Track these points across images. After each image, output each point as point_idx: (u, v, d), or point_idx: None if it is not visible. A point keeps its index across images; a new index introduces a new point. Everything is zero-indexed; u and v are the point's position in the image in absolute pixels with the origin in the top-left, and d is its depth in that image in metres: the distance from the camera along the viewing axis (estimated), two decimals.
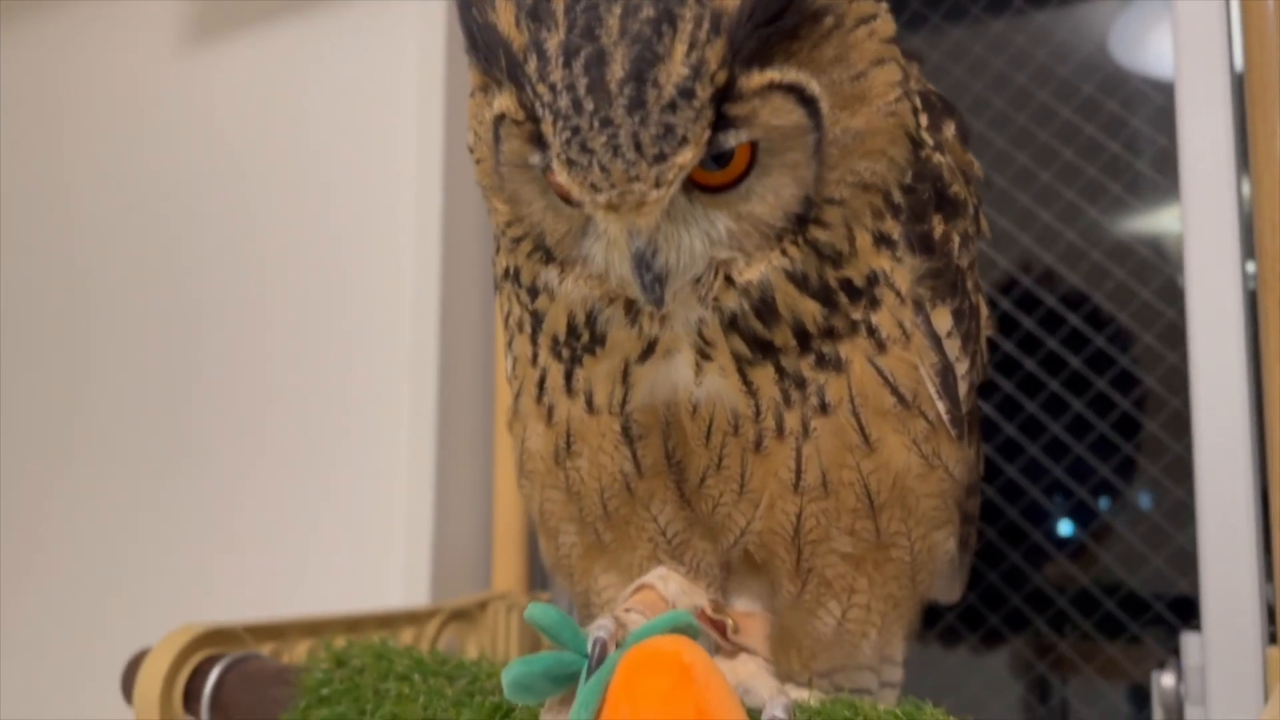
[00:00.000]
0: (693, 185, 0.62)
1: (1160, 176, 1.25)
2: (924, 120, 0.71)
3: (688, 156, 0.57)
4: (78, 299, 1.79)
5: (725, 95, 0.57)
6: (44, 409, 1.80)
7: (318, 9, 1.60)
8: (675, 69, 0.56)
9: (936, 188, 0.70)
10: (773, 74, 0.59)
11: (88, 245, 1.80)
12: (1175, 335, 1.10)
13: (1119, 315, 1.26)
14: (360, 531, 1.44)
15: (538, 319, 0.73)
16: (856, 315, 0.67)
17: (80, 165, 1.84)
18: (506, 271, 0.75)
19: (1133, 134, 1.28)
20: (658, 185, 0.57)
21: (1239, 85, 1.05)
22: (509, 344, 0.80)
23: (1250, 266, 1.06)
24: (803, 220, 0.64)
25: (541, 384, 0.76)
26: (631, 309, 0.67)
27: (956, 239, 0.72)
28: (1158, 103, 1.25)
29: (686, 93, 0.56)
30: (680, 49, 0.56)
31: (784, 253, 0.64)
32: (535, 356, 0.75)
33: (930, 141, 0.71)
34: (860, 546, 0.74)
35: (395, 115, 1.50)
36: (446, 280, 1.43)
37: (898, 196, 0.68)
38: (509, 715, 0.76)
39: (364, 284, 1.51)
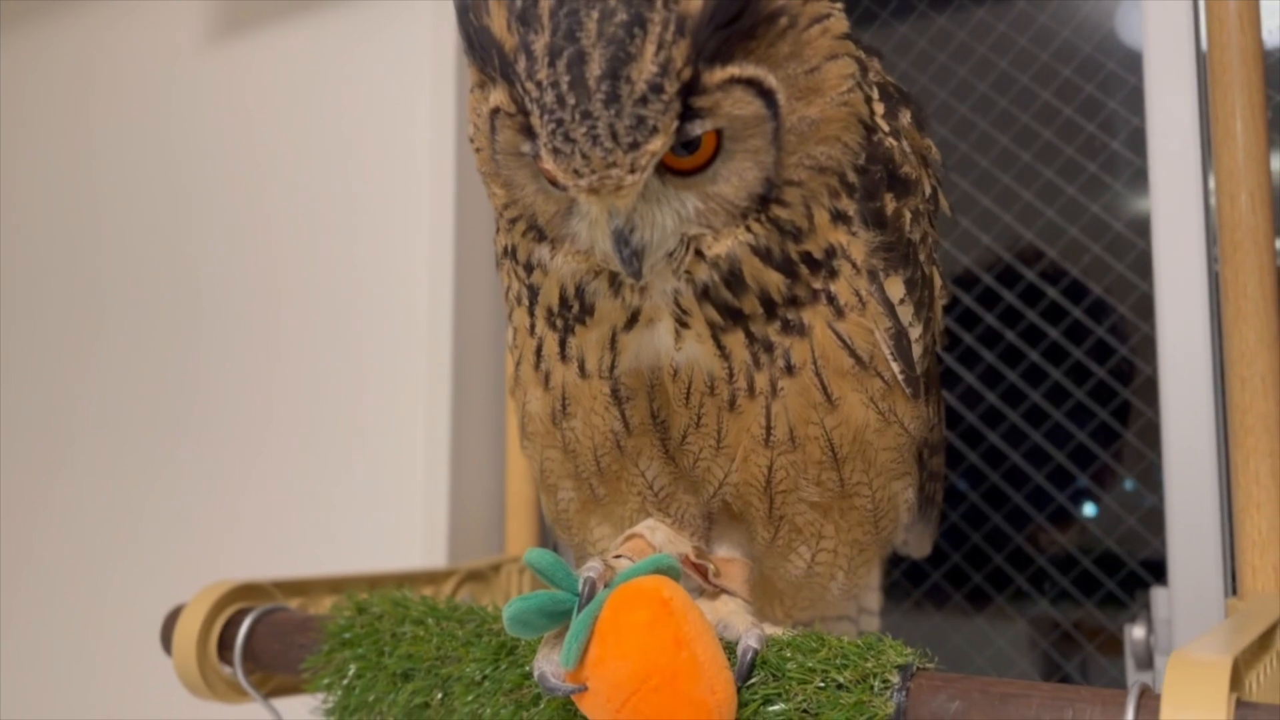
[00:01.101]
0: (665, 169, 0.68)
1: (1134, 156, 1.30)
2: (880, 109, 0.77)
3: (658, 144, 0.64)
4: (104, 278, 1.87)
5: (691, 89, 0.64)
6: (73, 381, 1.89)
7: (336, 7, 1.66)
8: (646, 67, 0.62)
9: (888, 169, 0.77)
10: (733, 69, 0.65)
11: (113, 229, 1.87)
12: (1149, 306, 1.15)
13: (1095, 288, 1.32)
14: (382, 498, 1.52)
15: (534, 292, 0.80)
16: (817, 285, 0.74)
17: (103, 157, 1.91)
18: (505, 250, 0.82)
19: (1109, 115, 1.33)
20: (632, 170, 0.64)
21: (1206, 66, 1.11)
22: (509, 316, 0.86)
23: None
24: (765, 200, 0.70)
25: (539, 352, 0.82)
26: (615, 281, 0.74)
27: (908, 215, 0.79)
28: (1133, 84, 1.30)
29: (656, 88, 0.62)
30: (650, 49, 0.62)
31: (749, 229, 0.71)
32: (533, 327, 0.82)
33: (886, 128, 0.77)
34: (826, 495, 0.81)
35: (411, 107, 1.56)
36: (460, 259, 1.49)
37: (852, 177, 0.74)
38: (513, 651, 0.83)
39: (382, 265, 1.57)
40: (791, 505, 0.82)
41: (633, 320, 0.76)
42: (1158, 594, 1.14)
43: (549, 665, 0.73)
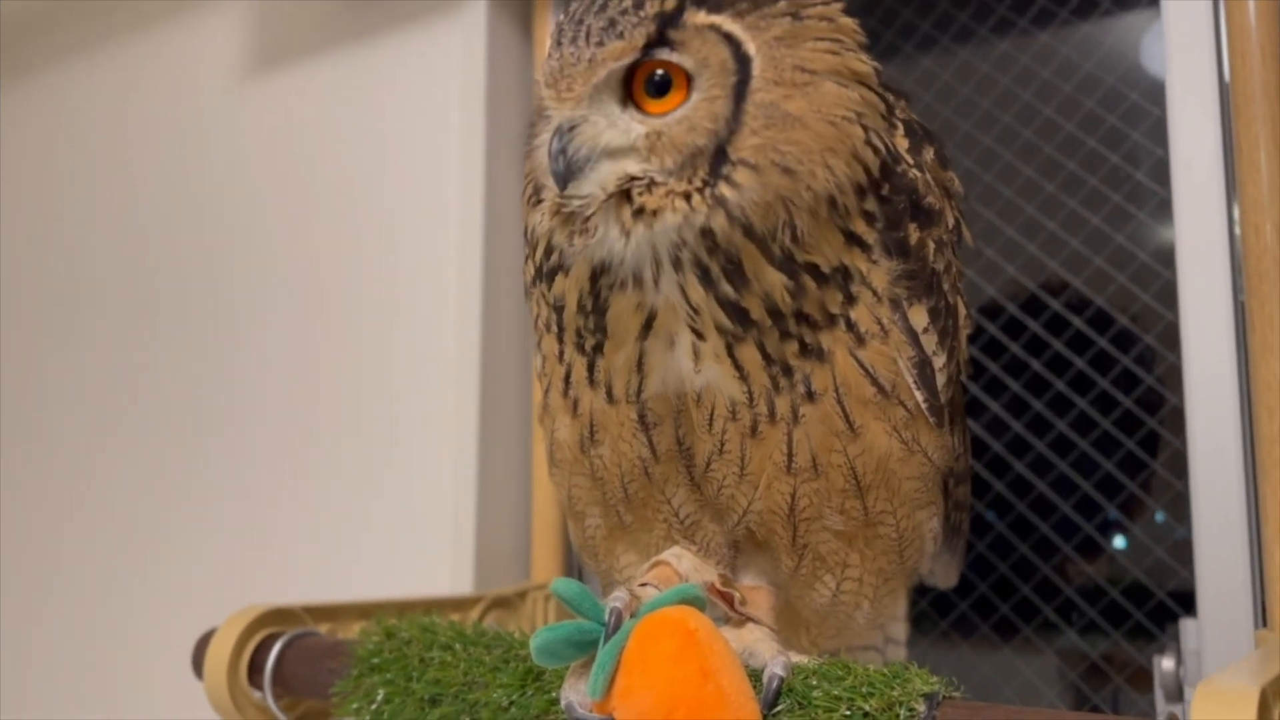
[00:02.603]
0: (631, 102, 0.73)
1: (1159, 187, 1.31)
2: (904, 143, 0.79)
3: (619, 48, 0.71)
4: (138, 303, 1.91)
5: (671, 23, 0.71)
6: (104, 404, 1.92)
7: (366, 43, 1.70)
8: None
9: (912, 199, 0.78)
10: (716, 19, 0.72)
11: (150, 255, 1.91)
12: (1175, 336, 1.15)
13: (1120, 318, 1.32)
14: (410, 526, 1.53)
15: (560, 312, 0.81)
16: (834, 309, 0.75)
17: (140, 185, 1.96)
18: (534, 278, 0.84)
19: (1133, 146, 1.33)
20: (591, 65, 0.71)
21: (1229, 97, 1.11)
22: (538, 344, 0.88)
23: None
24: (715, 173, 0.71)
25: (568, 379, 0.84)
26: (601, 270, 0.76)
27: (931, 245, 0.80)
28: (1156, 116, 1.30)
29: (638, 4, 0.71)
30: None
31: (688, 198, 0.72)
32: (562, 353, 0.84)
33: (910, 160, 0.79)
34: (850, 524, 0.82)
35: (441, 142, 1.59)
36: (487, 291, 1.51)
37: (872, 205, 0.75)
38: (540, 678, 0.84)
39: (412, 295, 1.60)
40: (815, 534, 0.82)
41: (649, 325, 0.77)
42: (1187, 625, 1.13)
43: (576, 695, 0.74)
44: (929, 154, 0.82)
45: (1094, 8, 1.38)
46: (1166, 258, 1.19)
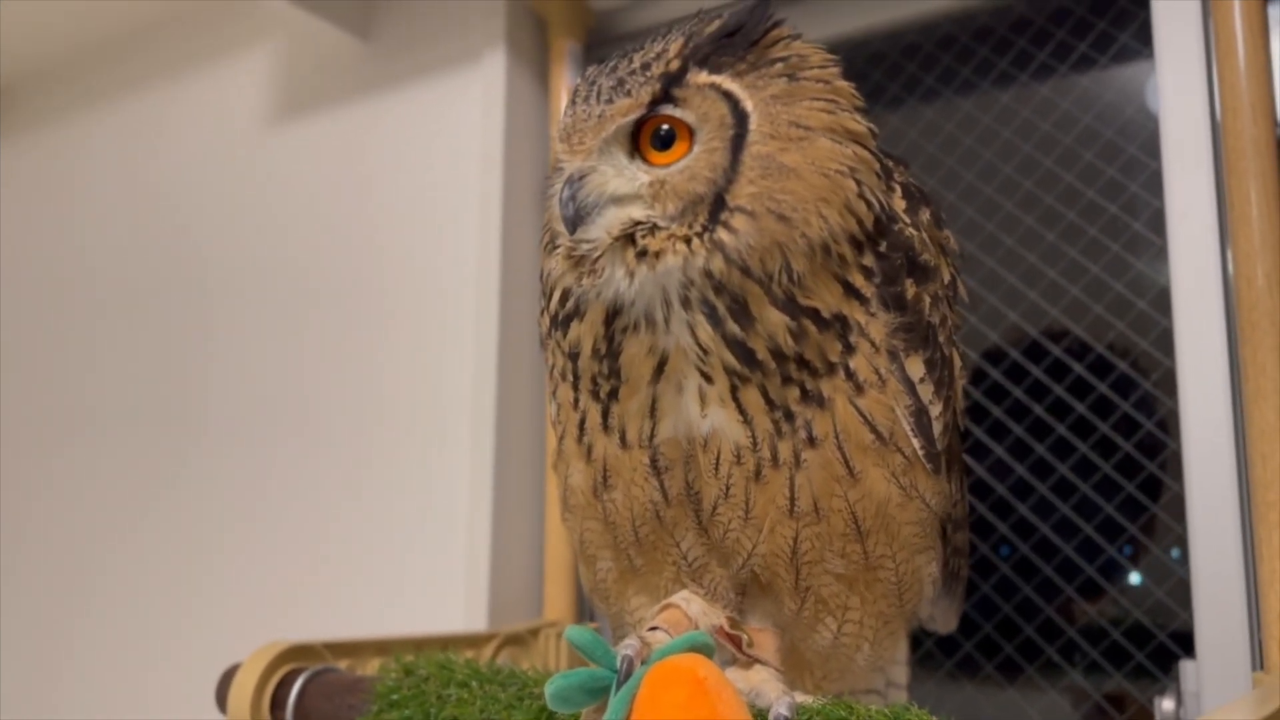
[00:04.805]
0: (638, 154, 0.79)
1: (1156, 236, 1.34)
2: (901, 204, 0.83)
3: (626, 105, 0.77)
4: (162, 342, 1.95)
5: (676, 81, 0.77)
6: (129, 438, 1.96)
7: (388, 94, 1.75)
8: (649, 53, 0.78)
9: (909, 256, 0.82)
10: (717, 79, 0.78)
11: (175, 297, 1.96)
12: (1173, 382, 1.18)
13: (1120, 364, 1.35)
14: (426, 565, 1.56)
15: (575, 360, 0.85)
16: (834, 358, 0.79)
17: (171, 228, 2.01)
18: (553, 320, 0.87)
19: (1130, 197, 1.36)
20: (600, 122, 0.77)
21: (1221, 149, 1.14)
22: (553, 393, 0.91)
23: None
24: (714, 218, 0.76)
25: (582, 425, 0.87)
26: (612, 307, 0.80)
27: (927, 299, 0.83)
28: (1153, 168, 1.33)
29: (645, 66, 0.78)
30: (660, 45, 0.79)
31: (688, 242, 0.76)
32: (577, 401, 0.87)
33: (907, 220, 0.82)
34: (851, 568, 0.84)
35: (458, 189, 1.63)
36: (503, 335, 1.55)
37: (870, 261, 0.79)
38: (554, 716, 0.86)
39: (430, 342, 1.63)
40: (817, 577, 0.85)
41: (660, 369, 0.81)
42: (1186, 667, 1.15)
43: None
44: (925, 214, 0.86)
45: (1092, 64, 1.42)
46: (1164, 305, 1.22)
